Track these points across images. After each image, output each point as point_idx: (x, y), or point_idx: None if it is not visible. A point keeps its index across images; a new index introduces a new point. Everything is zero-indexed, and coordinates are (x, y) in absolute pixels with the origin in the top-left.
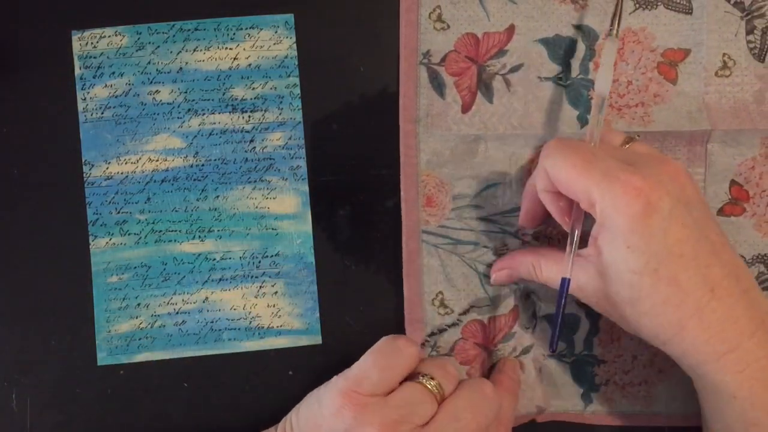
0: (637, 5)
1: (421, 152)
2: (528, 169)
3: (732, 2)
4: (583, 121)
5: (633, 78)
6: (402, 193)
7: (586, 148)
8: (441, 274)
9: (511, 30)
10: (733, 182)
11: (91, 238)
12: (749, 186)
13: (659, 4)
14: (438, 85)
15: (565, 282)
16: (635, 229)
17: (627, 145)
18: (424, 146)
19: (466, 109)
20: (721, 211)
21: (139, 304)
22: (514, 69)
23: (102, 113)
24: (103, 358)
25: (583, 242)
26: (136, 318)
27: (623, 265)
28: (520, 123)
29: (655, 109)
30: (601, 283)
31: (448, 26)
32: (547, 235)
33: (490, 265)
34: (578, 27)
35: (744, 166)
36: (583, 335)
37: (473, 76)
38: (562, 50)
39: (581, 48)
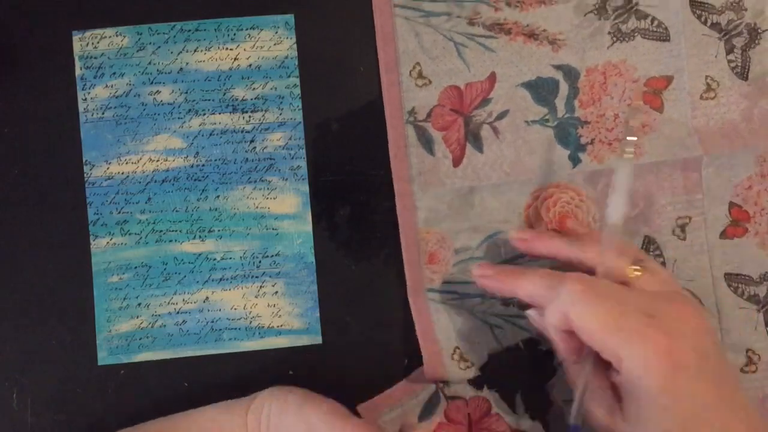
0: (614, 38)
1: (418, 210)
2: (526, 216)
3: (708, 24)
4: (574, 160)
5: (619, 111)
6: (404, 253)
7: (614, 301)
8: (452, 330)
9: (492, 78)
10: (731, 204)
11: (91, 238)
12: (748, 206)
13: (636, 34)
14: (426, 142)
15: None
16: (666, 389)
17: (636, 274)
18: (420, 204)
19: (456, 162)
20: (723, 234)
21: (139, 304)
22: (501, 116)
23: (103, 113)
24: (103, 358)
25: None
26: (137, 318)
27: (655, 423)
28: (512, 169)
29: (646, 140)
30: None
31: (430, 81)
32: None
33: (499, 316)
34: (558, 67)
35: (741, 186)
36: None
37: (460, 129)
38: (545, 92)
39: (564, 87)
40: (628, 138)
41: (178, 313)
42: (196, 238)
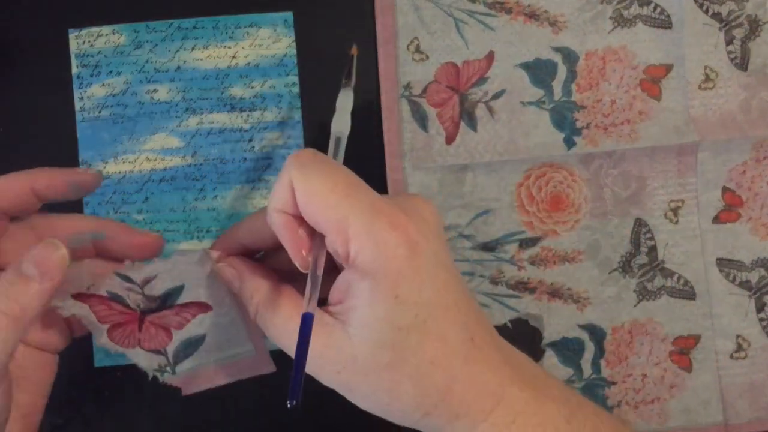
0: (616, 24)
1: (410, 186)
2: (518, 194)
3: (710, 14)
4: (569, 143)
5: (616, 97)
6: None
7: (347, 171)
8: None
9: (490, 57)
10: (725, 189)
11: None
12: (741, 191)
13: (638, 21)
14: (420, 118)
15: (308, 319)
16: (404, 274)
17: None
18: (411, 180)
19: (450, 140)
20: (716, 219)
21: None
22: (497, 96)
23: (99, 112)
24: (100, 360)
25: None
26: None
27: (388, 320)
28: (506, 149)
29: (641, 126)
30: (349, 347)
31: (427, 57)
32: (543, 259)
33: (487, 294)
34: (557, 49)
35: (735, 171)
36: (589, 358)
37: (455, 106)
38: (543, 74)
39: (562, 70)
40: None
41: None
42: (193, 239)
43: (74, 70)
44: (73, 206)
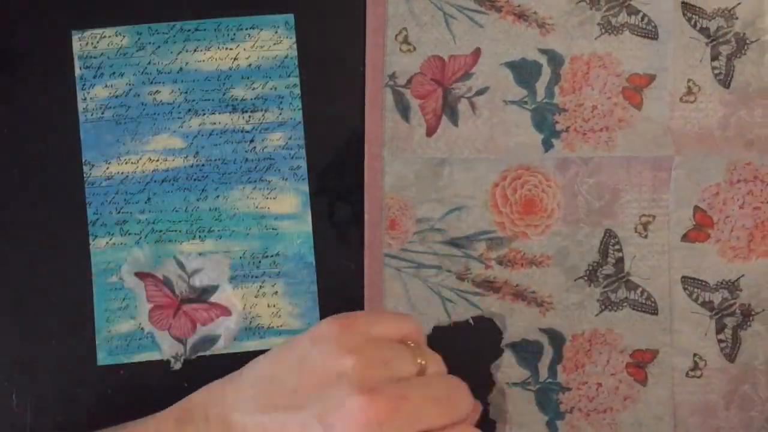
0: (603, 30)
1: (386, 175)
2: (492, 194)
3: (698, 28)
4: (547, 146)
5: (598, 103)
6: (366, 215)
7: None
8: (403, 297)
9: (477, 53)
10: (697, 208)
11: (91, 238)
12: (713, 212)
13: (625, 29)
14: (403, 108)
15: None
16: None
17: None
18: (388, 169)
19: (430, 132)
20: (685, 237)
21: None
22: (480, 92)
23: (102, 113)
24: (103, 358)
25: None
26: (137, 318)
27: None
28: (485, 146)
29: (620, 134)
30: None
31: (414, 48)
32: (511, 260)
33: (452, 290)
34: (544, 51)
35: (708, 191)
36: (547, 362)
37: (438, 99)
38: (527, 74)
39: (546, 72)
40: None
41: None
42: (195, 238)
43: (77, 71)
44: (75, 208)
